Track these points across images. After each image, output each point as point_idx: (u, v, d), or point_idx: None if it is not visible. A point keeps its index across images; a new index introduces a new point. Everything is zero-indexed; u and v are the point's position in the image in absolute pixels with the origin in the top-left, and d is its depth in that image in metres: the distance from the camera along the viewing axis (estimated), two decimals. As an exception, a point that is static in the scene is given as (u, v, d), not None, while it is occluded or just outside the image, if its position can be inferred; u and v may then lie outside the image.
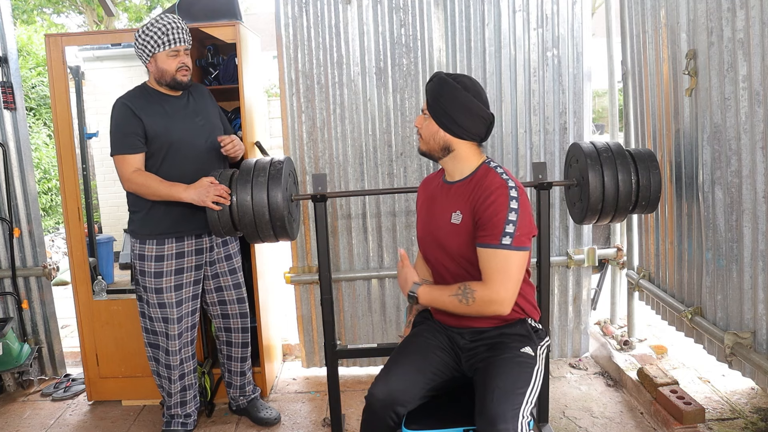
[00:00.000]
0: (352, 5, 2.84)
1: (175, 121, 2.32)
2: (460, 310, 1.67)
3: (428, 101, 1.75)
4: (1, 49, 2.94)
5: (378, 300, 3.07)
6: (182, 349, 2.46)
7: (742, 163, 2.05)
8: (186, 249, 2.40)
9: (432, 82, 1.74)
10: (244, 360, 2.66)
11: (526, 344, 1.74)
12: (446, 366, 1.76)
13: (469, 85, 1.70)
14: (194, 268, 2.44)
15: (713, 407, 2.56)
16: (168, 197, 2.23)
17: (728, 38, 2.04)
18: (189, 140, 2.32)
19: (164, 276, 2.37)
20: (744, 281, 2.11)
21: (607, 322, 3.30)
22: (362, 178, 2.95)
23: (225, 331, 2.62)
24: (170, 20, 2.22)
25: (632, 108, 2.98)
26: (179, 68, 2.27)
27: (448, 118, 1.70)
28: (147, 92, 2.34)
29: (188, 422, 2.57)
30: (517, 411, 1.53)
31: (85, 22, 12.59)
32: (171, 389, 2.50)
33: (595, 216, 2.21)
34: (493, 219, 1.62)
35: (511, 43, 2.88)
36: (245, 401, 2.71)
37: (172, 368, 2.46)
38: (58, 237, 6.75)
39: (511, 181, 1.68)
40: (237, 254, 2.59)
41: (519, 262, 1.63)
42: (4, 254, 3.05)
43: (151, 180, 2.24)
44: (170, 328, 2.41)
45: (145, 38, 2.22)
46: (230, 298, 2.57)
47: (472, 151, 1.75)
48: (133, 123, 2.25)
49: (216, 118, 2.47)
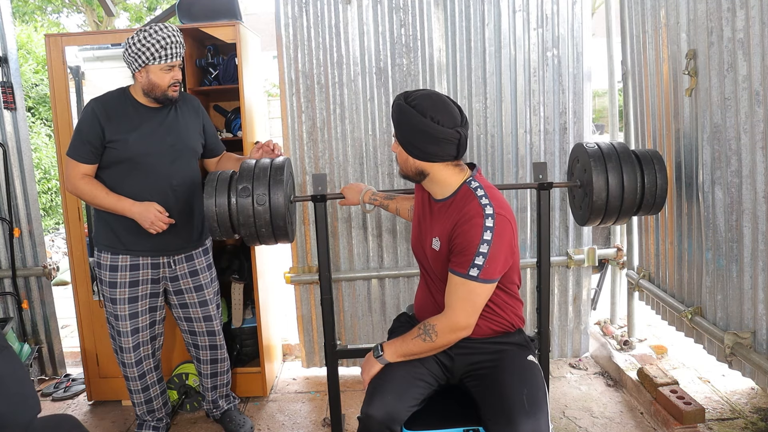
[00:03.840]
0: (352, 5, 2.84)
1: (142, 136, 2.20)
2: (427, 347, 1.67)
3: (394, 128, 1.71)
4: (1, 49, 2.94)
5: (378, 300, 3.07)
6: (141, 361, 2.38)
7: (742, 163, 2.05)
8: (141, 262, 2.29)
9: (393, 108, 1.69)
10: (214, 375, 2.58)
11: (529, 353, 1.77)
12: (434, 376, 1.76)
13: (428, 107, 1.60)
14: (150, 281, 2.32)
15: (713, 407, 2.56)
16: (113, 209, 2.18)
17: (728, 38, 2.04)
18: (151, 159, 2.21)
19: (118, 287, 2.28)
20: (744, 281, 2.11)
21: (607, 322, 3.30)
22: (362, 178, 2.95)
23: (193, 347, 2.54)
24: (169, 33, 2.11)
25: (632, 108, 2.98)
26: (171, 84, 2.18)
27: (412, 146, 1.65)
28: (124, 100, 2.23)
29: (159, 426, 2.54)
30: (547, 417, 1.56)
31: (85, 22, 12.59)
32: (134, 399, 2.46)
33: (599, 218, 2.18)
34: (465, 249, 1.60)
35: (511, 43, 2.88)
36: (219, 413, 2.65)
37: (130, 379, 2.40)
38: (58, 237, 6.75)
39: (489, 206, 1.61)
40: (206, 269, 2.44)
41: (484, 293, 1.63)
42: (4, 254, 3.05)
43: (98, 189, 2.18)
44: (123, 341, 2.33)
45: (140, 47, 2.10)
46: (196, 316, 2.46)
47: (449, 171, 1.69)
48: (93, 132, 2.16)
49: (193, 137, 2.33)
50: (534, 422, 1.51)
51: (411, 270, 3.01)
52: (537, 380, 1.65)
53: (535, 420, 1.51)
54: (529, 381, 1.63)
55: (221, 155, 2.53)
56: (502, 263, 1.63)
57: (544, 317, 2.19)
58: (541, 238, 2.17)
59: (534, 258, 2.94)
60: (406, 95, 1.66)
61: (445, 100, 1.64)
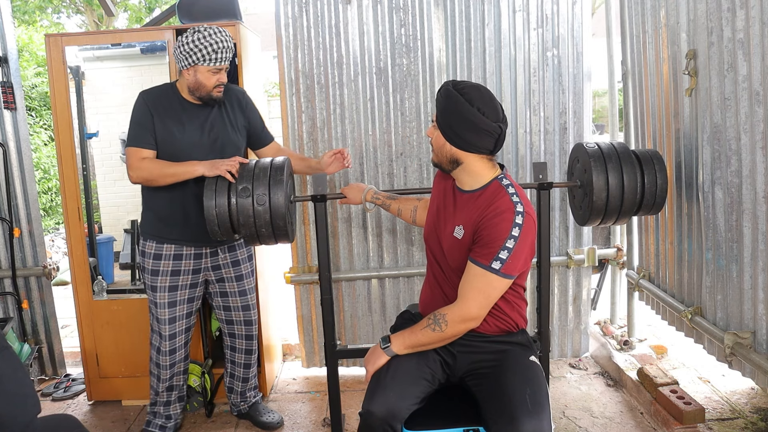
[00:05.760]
0: (352, 5, 2.84)
1: (186, 132, 2.27)
2: (436, 338, 1.67)
3: (437, 112, 1.72)
4: (1, 49, 2.94)
5: (378, 300, 3.07)
6: (175, 350, 2.45)
7: (742, 163, 2.05)
8: (185, 252, 2.37)
9: (439, 93, 1.70)
10: (247, 366, 2.64)
11: (531, 353, 1.77)
12: (435, 375, 1.75)
13: (476, 97, 1.63)
14: (191, 271, 2.40)
15: (713, 407, 2.56)
16: (181, 174, 2.19)
17: (728, 38, 2.04)
18: (195, 154, 2.25)
19: (160, 275, 2.36)
20: (744, 281, 2.11)
21: (607, 322, 3.30)
22: (362, 178, 2.95)
23: (229, 335, 2.60)
24: (222, 38, 2.18)
25: (632, 108, 2.98)
26: (217, 86, 2.24)
27: (453, 132, 1.66)
28: (170, 94, 2.30)
29: (168, 425, 2.55)
30: (549, 417, 1.56)
31: (85, 22, 12.59)
32: (158, 387, 2.50)
33: (599, 218, 2.18)
34: (491, 241, 1.61)
35: (511, 43, 2.88)
36: (246, 406, 2.70)
37: (161, 366, 2.46)
38: (58, 237, 6.75)
39: (520, 205, 1.63)
40: (247, 260, 2.53)
41: (500, 288, 1.64)
42: (4, 254, 3.05)
43: (160, 164, 2.23)
44: (162, 328, 2.41)
45: (192, 47, 2.16)
46: (235, 305, 2.54)
47: (482, 164, 1.71)
48: (147, 119, 2.24)
49: (235, 132, 2.38)
50: (536, 422, 1.51)
51: (411, 270, 3.01)
52: (539, 380, 1.65)
53: (538, 420, 1.51)
54: (531, 381, 1.63)
55: (275, 147, 2.54)
56: (523, 261, 1.65)
57: (544, 317, 2.19)
58: (541, 238, 2.17)
59: (534, 258, 2.93)
60: (455, 83, 1.68)
61: (491, 95, 1.67)
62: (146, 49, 3.19)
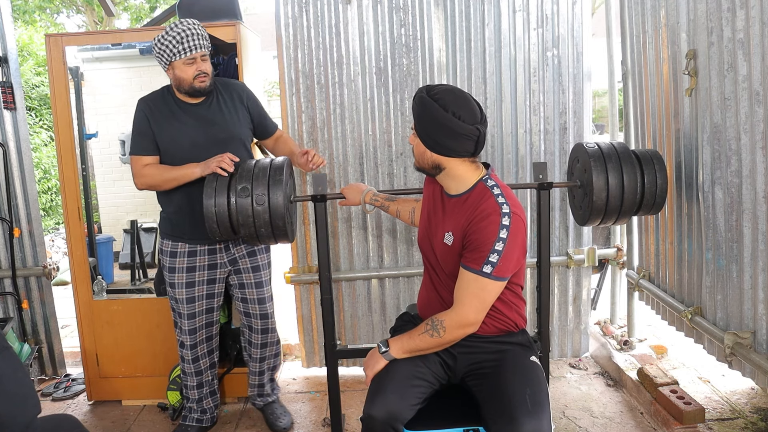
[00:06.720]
0: (352, 5, 2.84)
1: (186, 131, 2.28)
2: (434, 343, 1.67)
3: (414, 121, 1.71)
4: (1, 49, 2.94)
5: (378, 300, 3.07)
6: (197, 345, 2.50)
7: (742, 163, 2.05)
8: (199, 249, 2.41)
9: (414, 100, 1.69)
10: (262, 360, 2.65)
11: (531, 354, 1.77)
12: (436, 376, 1.76)
13: (450, 101, 1.61)
14: (207, 267, 2.44)
15: (713, 407, 2.56)
16: (180, 178, 2.23)
17: (728, 38, 2.04)
18: (198, 152, 2.25)
19: (176, 272, 2.41)
20: (744, 281, 2.11)
21: (607, 322, 3.30)
22: (362, 178, 2.95)
23: (247, 328, 2.63)
24: (185, 27, 2.17)
25: (632, 108, 2.98)
26: (197, 75, 2.22)
27: (431, 139, 1.66)
28: (166, 97, 2.32)
29: (203, 418, 2.59)
30: (549, 417, 1.56)
31: (85, 23, 12.59)
32: (188, 382, 2.55)
33: (599, 218, 2.18)
34: (480, 245, 1.61)
35: (511, 43, 2.88)
36: (261, 403, 2.71)
37: (185, 361, 2.52)
38: (58, 237, 6.75)
39: (506, 205, 1.62)
40: (264, 251, 2.56)
41: (495, 291, 1.64)
42: (4, 254, 3.04)
43: (161, 169, 2.27)
44: (182, 323, 2.46)
45: (161, 47, 2.18)
46: (251, 297, 2.55)
47: (465, 167, 1.70)
48: (145, 126, 2.28)
49: (238, 125, 2.37)
50: (536, 422, 1.51)
51: (411, 270, 3.01)
52: (539, 380, 1.65)
53: (538, 420, 1.51)
54: (531, 381, 1.63)
55: (276, 135, 2.55)
56: (515, 262, 1.64)
57: (544, 317, 2.19)
58: (541, 238, 2.17)
59: (534, 258, 2.93)
60: (429, 88, 1.66)
61: (466, 97, 1.66)
62: (145, 50, 3.19)
